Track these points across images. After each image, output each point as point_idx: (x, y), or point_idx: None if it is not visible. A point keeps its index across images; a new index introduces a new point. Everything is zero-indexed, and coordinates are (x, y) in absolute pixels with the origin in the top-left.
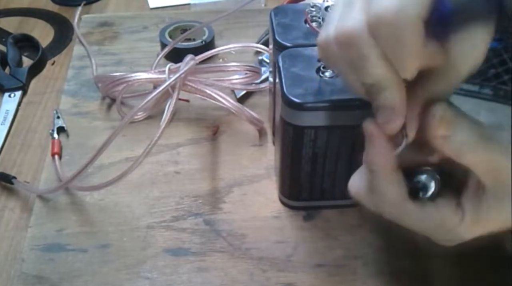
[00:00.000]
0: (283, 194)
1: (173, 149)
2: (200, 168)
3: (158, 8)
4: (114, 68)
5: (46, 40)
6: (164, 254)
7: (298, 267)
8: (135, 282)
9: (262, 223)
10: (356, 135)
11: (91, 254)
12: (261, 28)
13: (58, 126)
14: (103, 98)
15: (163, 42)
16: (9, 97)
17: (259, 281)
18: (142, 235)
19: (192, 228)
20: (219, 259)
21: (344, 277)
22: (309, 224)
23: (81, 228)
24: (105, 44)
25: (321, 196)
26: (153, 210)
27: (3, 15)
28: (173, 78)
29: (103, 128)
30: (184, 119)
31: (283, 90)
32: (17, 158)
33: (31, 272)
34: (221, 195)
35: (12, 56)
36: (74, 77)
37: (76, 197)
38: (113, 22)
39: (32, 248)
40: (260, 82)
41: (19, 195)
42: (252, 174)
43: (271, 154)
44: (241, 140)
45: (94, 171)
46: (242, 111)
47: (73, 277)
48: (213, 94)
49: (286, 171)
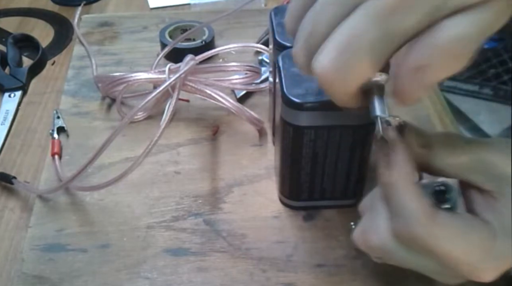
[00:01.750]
0: (283, 194)
1: (173, 149)
2: (200, 168)
3: (158, 8)
4: (114, 68)
5: (46, 40)
6: (164, 254)
7: (298, 267)
8: (135, 282)
9: (262, 223)
10: (356, 135)
11: (91, 254)
12: (261, 28)
13: (58, 126)
14: (103, 98)
15: (163, 42)
16: (9, 97)
17: (259, 281)
18: (142, 235)
19: (192, 228)
20: (219, 259)
21: (344, 277)
22: (309, 224)
23: (81, 228)
24: (105, 44)
25: (321, 196)
26: (153, 210)
27: (3, 15)
28: (173, 78)
29: (103, 128)
30: (184, 119)
31: (283, 90)
32: (17, 158)
33: (31, 272)
34: (221, 195)
35: (12, 56)
36: (74, 77)
37: (76, 197)
38: (113, 22)
39: (32, 248)
40: (260, 82)
41: (19, 195)
42: (252, 174)
43: (271, 154)
44: (241, 140)
45: (94, 171)
46: (242, 111)
47: (73, 277)
48: (213, 94)
49: (286, 171)
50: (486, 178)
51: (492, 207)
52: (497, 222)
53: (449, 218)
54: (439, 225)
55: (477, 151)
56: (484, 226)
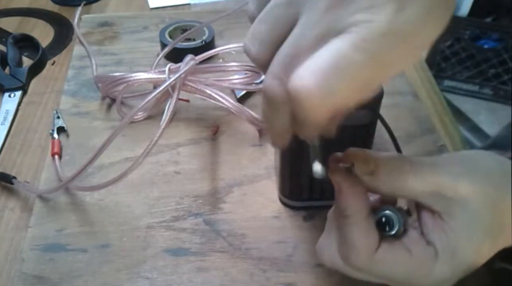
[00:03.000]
0: (283, 194)
1: (173, 149)
2: (200, 168)
3: (158, 8)
4: (114, 68)
5: (46, 40)
6: (164, 254)
7: (298, 267)
8: (135, 282)
9: (262, 223)
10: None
11: (91, 254)
12: None
13: (58, 126)
14: (103, 98)
15: (163, 42)
16: (9, 97)
17: (259, 281)
18: (142, 235)
19: (192, 228)
20: (219, 259)
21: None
22: (309, 224)
23: (81, 228)
24: (105, 44)
25: (321, 196)
26: (153, 210)
27: (3, 15)
28: (173, 78)
29: (103, 128)
30: (184, 119)
31: None
32: (17, 158)
33: (31, 272)
34: (221, 195)
35: (12, 56)
36: (74, 77)
37: (76, 197)
38: (113, 22)
39: (32, 248)
40: (260, 82)
41: (19, 195)
42: (252, 174)
43: (271, 154)
44: (241, 140)
45: (94, 171)
46: (242, 111)
47: (73, 277)
48: (213, 94)
49: (286, 171)
50: (435, 200)
51: (438, 228)
52: (440, 242)
53: (389, 250)
54: (377, 260)
55: (423, 173)
56: (425, 248)
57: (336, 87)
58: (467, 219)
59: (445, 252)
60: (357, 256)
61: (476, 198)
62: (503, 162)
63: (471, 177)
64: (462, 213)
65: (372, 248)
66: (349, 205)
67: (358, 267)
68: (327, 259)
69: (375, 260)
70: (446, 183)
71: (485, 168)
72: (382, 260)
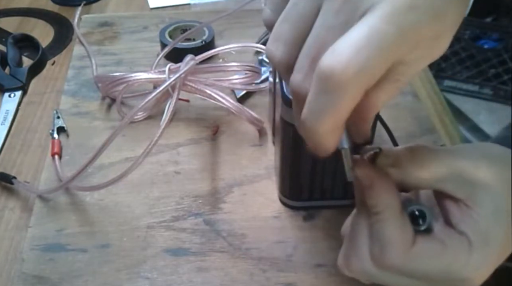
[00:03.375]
0: (283, 194)
1: (173, 149)
2: (200, 168)
3: (158, 8)
4: (114, 68)
5: (46, 40)
6: (164, 254)
7: (298, 267)
8: (135, 282)
9: (262, 223)
10: None
11: (91, 254)
12: (261, 28)
13: (58, 126)
14: (103, 98)
15: (163, 42)
16: (9, 97)
17: (259, 281)
18: (142, 235)
19: (192, 228)
20: (219, 259)
21: (344, 277)
22: (309, 224)
23: (81, 228)
24: (105, 44)
25: (321, 196)
26: (153, 210)
27: (3, 15)
28: (173, 78)
29: (103, 128)
30: (184, 119)
31: (283, 90)
32: (17, 158)
33: (31, 272)
34: (221, 195)
35: (12, 56)
36: (74, 77)
37: (76, 197)
38: (113, 22)
39: (32, 248)
40: (260, 82)
41: (19, 195)
42: (252, 174)
43: (271, 154)
44: (241, 140)
45: (94, 171)
46: (242, 111)
47: (73, 277)
48: (213, 94)
49: (286, 171)
50: (457, 186)
51: (466, 216)
52: (471, 231)
53: (424, 244)
54: (414, 256)
55: (445, 160)
56: (459, 239)
57: (370, 62)
58: (493, 203)
59: (478, 240)
60: (393, 252)
61: (497, 181)
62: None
63: (489, 161)
64: (486, 197)
65: (408, 243)
66: (381, 199)
67: (394, 266)
68: (356, 268)
69: (412, 256)
70: (467, 166)
71: (498, 154)
72: (418, 255)
